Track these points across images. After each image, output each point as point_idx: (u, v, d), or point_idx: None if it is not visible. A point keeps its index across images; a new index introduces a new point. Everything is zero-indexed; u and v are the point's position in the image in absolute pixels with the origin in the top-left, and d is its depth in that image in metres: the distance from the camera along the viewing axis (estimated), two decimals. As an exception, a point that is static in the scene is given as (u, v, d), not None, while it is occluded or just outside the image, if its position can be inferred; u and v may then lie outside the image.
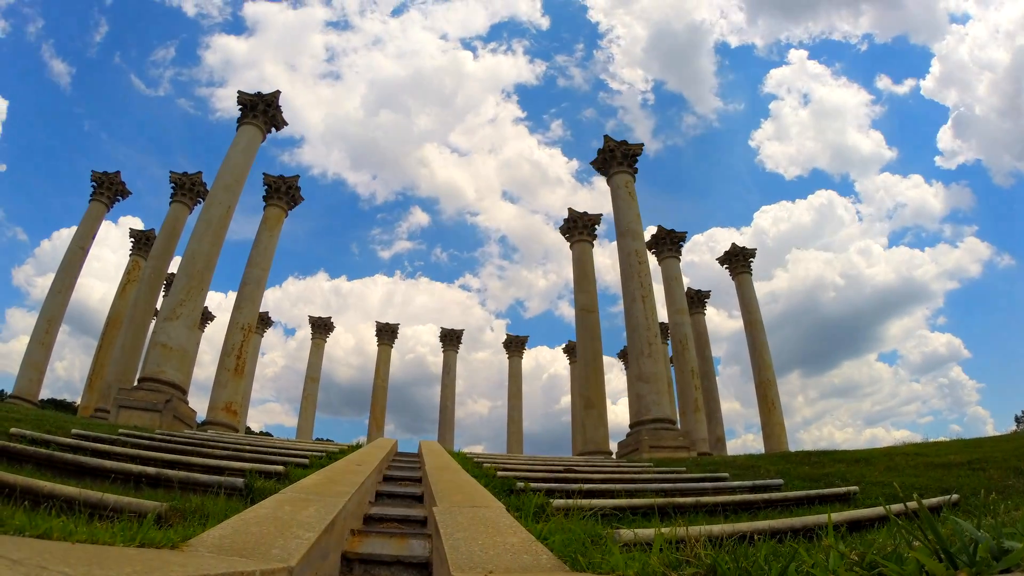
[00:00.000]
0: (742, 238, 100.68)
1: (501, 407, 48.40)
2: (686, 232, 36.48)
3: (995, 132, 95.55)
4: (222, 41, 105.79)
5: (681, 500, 7.60)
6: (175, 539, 3.60)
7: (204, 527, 4.16)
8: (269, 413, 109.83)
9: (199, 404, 26.92)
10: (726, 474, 12.47)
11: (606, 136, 30.40)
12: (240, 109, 28.31)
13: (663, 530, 3.80)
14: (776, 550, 3.01)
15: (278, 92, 28.50)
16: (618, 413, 46.07)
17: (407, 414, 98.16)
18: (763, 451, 29.92)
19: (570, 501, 6.62)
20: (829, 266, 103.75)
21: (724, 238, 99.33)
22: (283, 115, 29.18)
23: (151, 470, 8.11)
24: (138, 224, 47.45)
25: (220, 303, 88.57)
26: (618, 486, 9.41)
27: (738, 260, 38.59)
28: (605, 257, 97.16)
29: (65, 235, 33.09)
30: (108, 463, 8.42)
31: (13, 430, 10.78)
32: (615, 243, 28.84)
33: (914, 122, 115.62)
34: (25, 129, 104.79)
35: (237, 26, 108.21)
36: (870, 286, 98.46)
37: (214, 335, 46.31)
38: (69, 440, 10.72)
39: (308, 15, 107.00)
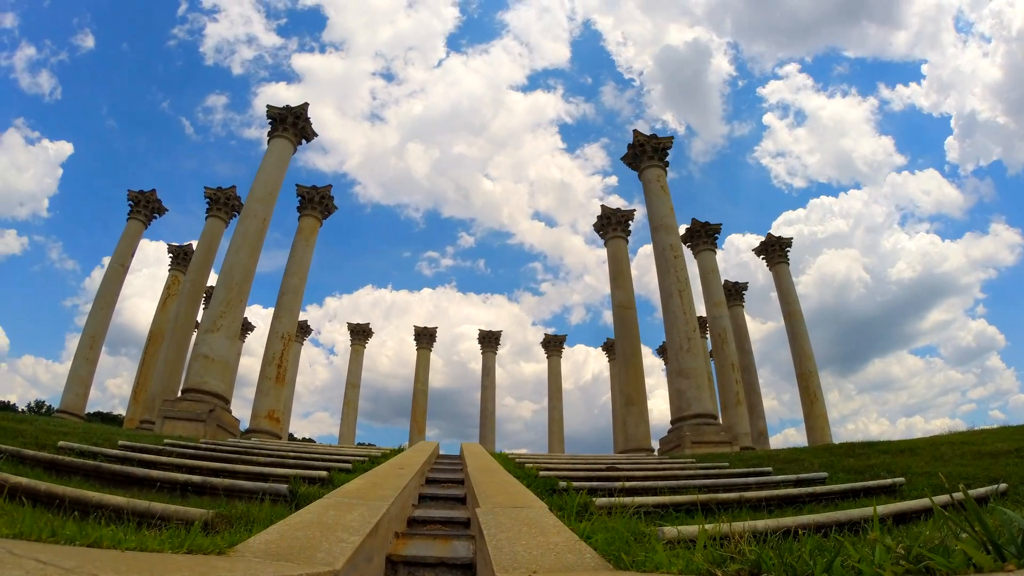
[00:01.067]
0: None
1: (545, 411, 48.25)
2: (720, 224, 35.94)
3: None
4: (271, 89, 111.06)
5: (724, 496, 7.53)
6: (222, 545, 3.67)
7: (250, 533, 4.21)
8: (318, 423, 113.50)
9: (242, 413, 27.37)
10: (769, 468, 12.31)
11: (635, 130, 30.16)
12: (270, 122, 28.71)
13: (707, 527, 3.78)
14: (821, 545, 2.98)
15: (306, 104, 28.82)
16: (659, 409, 45.86)
17: (452, 420, 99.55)
18: (806, 444, 29.49)
19: (613, 499, 6.60)
20: (856, 263, 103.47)
21: (743, 244, 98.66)
22: (312, 126, 29.51)
23: (197, 478, 8.21)
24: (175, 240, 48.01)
25: (259, 313, 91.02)
26: (661, 483, 9.34)
27: (774, 250, 37.98)
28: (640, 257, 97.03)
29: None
30: (154, 473, 8.54)
31: (61, 443, 11.04)
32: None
33: (919, 130, 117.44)
34: (83, 171, 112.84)
35: (288, 76, 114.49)
36: (898, 282, 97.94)
37: (255, 345, 47.18)
38: (116, 451, 10.94)
39: (355, 65, 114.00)
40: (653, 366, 52.79)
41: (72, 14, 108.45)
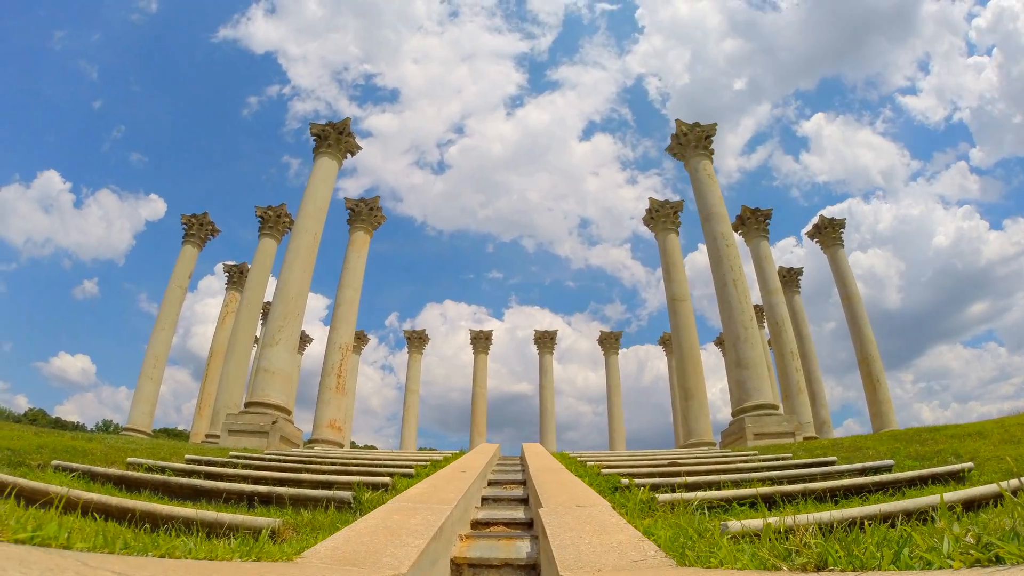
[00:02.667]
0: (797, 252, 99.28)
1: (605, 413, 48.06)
2: (771, 209, 35.07)
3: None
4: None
5: (788, 488, 7.41)
6: (289, 552, 3.76)
7: (316, 540, 4.29)
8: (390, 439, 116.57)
9: (304, 424, 27.94)
10: (833, 458, 12.03)
11: (677, 120, 29.70)
12: (314, 140, 29.09)
13: (771, 520, 3.75)
14: (887, 535, 2.93)
15: (348, 119, 29.12)
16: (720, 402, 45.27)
17: (515, 427, 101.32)
18: (870, 432, 28.71)
19: (675, 495, 6.57)
20: (894, 259, 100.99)
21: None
22: (355, 141, 29.84)
23: (262, 488, 8.36)
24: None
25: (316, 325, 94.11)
26: (723, 477, 9.25)
27: (828, 232, 36.83)
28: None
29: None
30: (221, 484, 8.74)
31: (130, 459, 11.40)
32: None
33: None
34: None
35: (361, 133, 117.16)
36: (945, 272, 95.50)
37: (314, 357, 48.09)
38: (183, 465, 11.24)
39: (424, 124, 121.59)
40: (710, 358, 52.08)
41: (157, 99, 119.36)
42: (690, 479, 8.86)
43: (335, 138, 28.74)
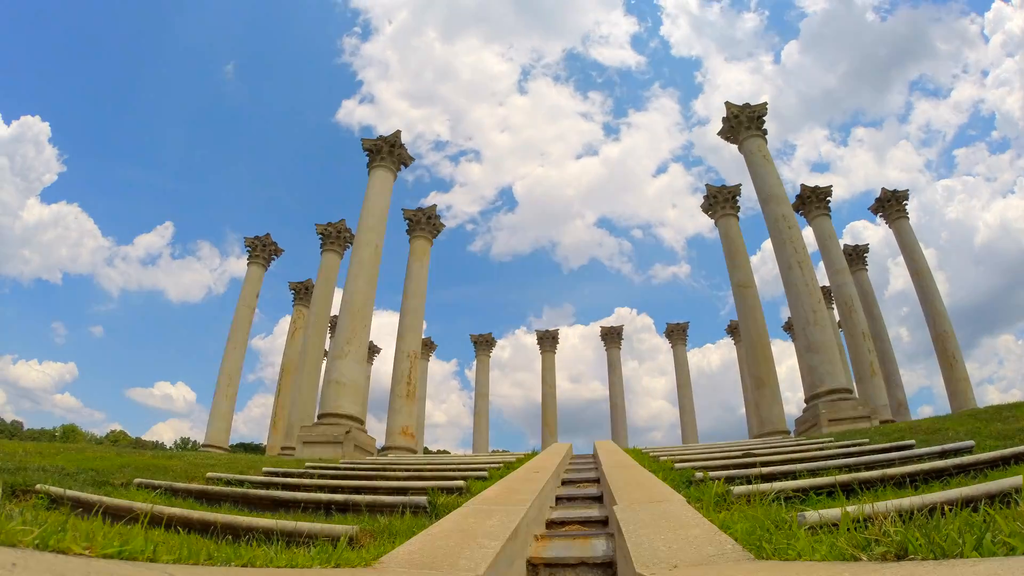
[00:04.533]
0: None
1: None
2: (831, 186, 34.00)
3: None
4: (437, 198, 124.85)
5: (866, 474, 7.22)
6: (368, 558, 3.87)
7: (393, 545, 4.37)
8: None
9: (376, 432, 28.53)
10: (911, 441, 11.64)
11: (727, 102, 29.37)
12: (367, 154, 29.52)
13: (849, 508, 3.70)
14: (969, 520, 2.87)
15: (399, 132, 29.50)
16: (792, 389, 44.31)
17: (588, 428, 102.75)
18: (948, 412, 27.59)
19: (750, 487, 6.49)
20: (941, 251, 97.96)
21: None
22: (407, 152, 30.11)
23: (339, 497, 8.47)
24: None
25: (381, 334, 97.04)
26: (799, 466, 9.08)
27: (891, 205, 35.57)
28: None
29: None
30: (299, 495, 8.90)
31: (209, 474, 11.76)
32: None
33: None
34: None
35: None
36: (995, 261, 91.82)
37: (383, 367, 48.95)
38: (260, 478, 11.51)
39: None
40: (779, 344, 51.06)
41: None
42: (765, 470, 8.72)
43: (387, 151, 29.14)
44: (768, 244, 27.95)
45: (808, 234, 31.63)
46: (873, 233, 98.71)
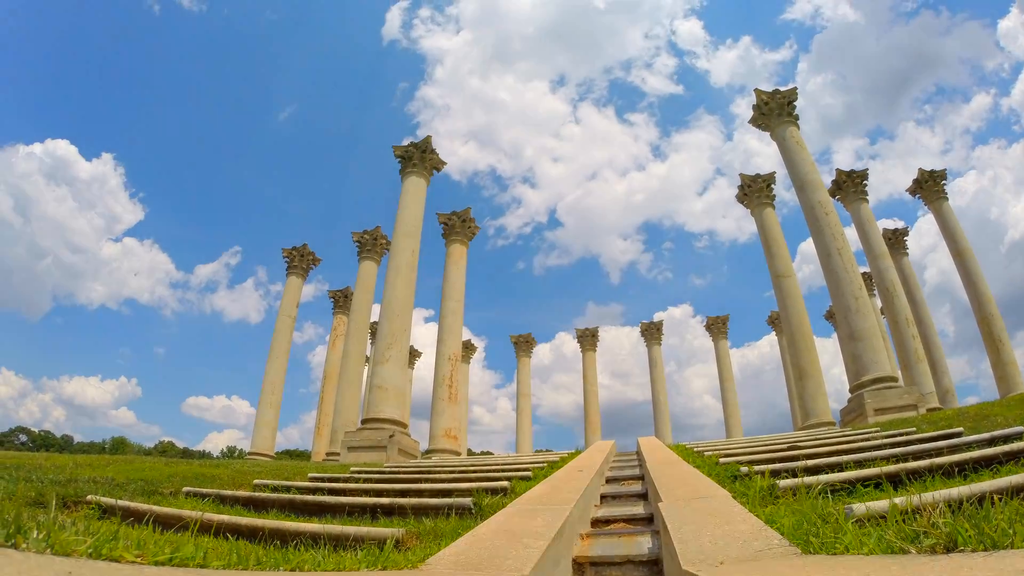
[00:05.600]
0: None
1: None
2: (867, 169, 33.27)
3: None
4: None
5: (913, 464, 7.08)
6: (414, 560, 3.91)
7: (439, 547, 4.38)
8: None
9: (420, 435, 28.83)
10: (959, 429, 11.35)
11: (756, 89, 29.00)
12: (399, 161, 29.77)
13: (897, 500, 3.68)
14: (1020, 510, 2.85)
15: (430, 137, 29.71)
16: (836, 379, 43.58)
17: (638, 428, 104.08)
18: (996, 398, 26.84)
19: (796, 480, 6.46)
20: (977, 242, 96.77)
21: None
22: (439, 156, 30.23)
23: (384, 500, 8.51)
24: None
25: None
26: (845, 457, 8.95)
27: (930, 186, 34.72)
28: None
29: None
30: (344, 499, 8.96)
31: (256, 481, 11.89)
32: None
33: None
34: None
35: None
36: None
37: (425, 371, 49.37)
38: (306, 483, 11.58)
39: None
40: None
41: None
42: (811, 462, 8.65)
43: (419, 157, 29.35)
44: (805, 246, 27.64)
45: (846, 220, 31.14)
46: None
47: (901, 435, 12.19)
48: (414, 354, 47.71)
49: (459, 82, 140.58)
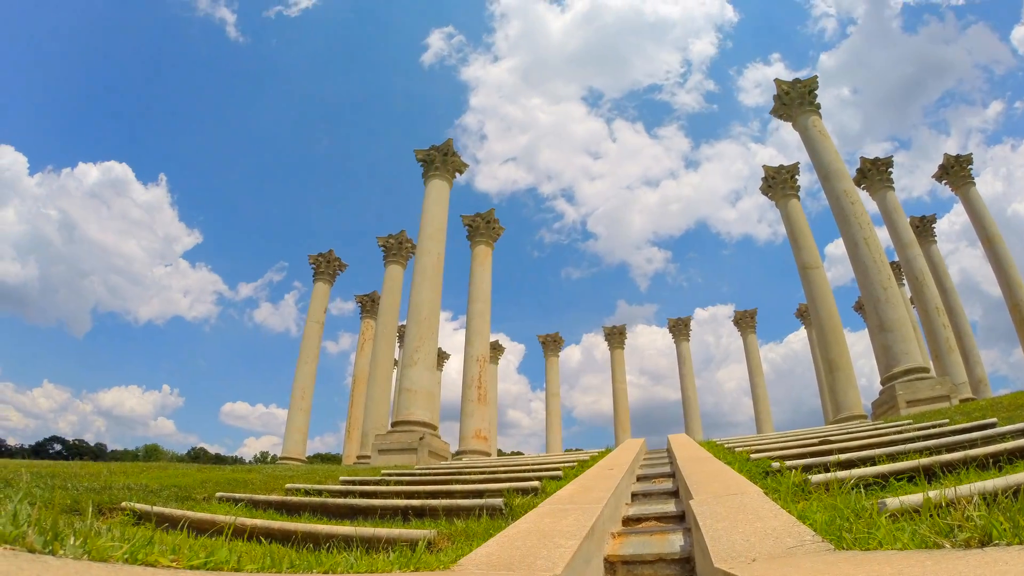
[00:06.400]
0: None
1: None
2: (892, 157, 32.75)
3: None
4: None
5: (947, 456, 6.98)
6: (446, 562, 3.92)
7: (471, 548, 4.40)
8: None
9: (450, 437, 29.03)
10: (994, 419, 11.14)
11: (776, 79, 28.78)
12: (421, 165, 29.92)
13: (930, 493, 3.65)
14: (1056, 501, 2.83)
15: (451, 139, 29.79)
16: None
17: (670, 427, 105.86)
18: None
19: (828, 475, 6.41)
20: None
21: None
22: (461, 159, 30.32)
23: (416, 502, 8.58)
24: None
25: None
26: (877, 451, 8.87)
27: (956, 171, 34.11)
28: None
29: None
30: (376, 502, 9.07)
31: (288, 485, 12.04)
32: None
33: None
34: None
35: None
36: None
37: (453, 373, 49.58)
38: (338, 487, 11.73)
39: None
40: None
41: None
42: (843, 456, 8.57)
43: (441, 160, 29.46)
44: (832, 248, 27.35)
45: (872, 209, 30.71)
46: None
47: (934, 427, 12.04)
48: (442, 356, 47.93)
49: (496, 107, 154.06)
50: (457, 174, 30.43)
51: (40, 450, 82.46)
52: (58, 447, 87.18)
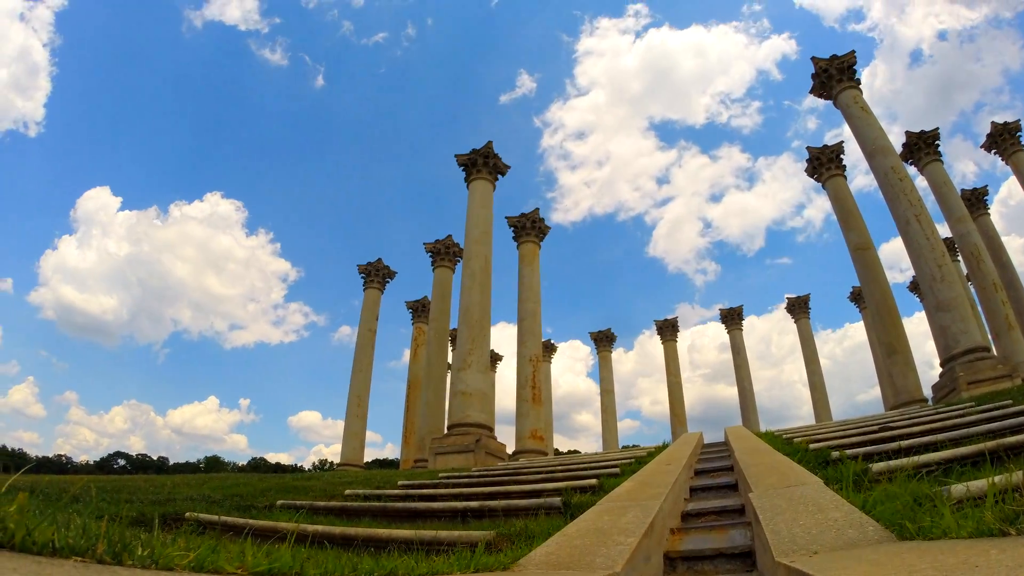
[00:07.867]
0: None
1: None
2: (937, 128, 31.31)
3: None
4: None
5: (1012, 439, 6.77)
6: (506, 561, 4.00)
7: (530, 547, 4.45)
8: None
9: (506, 437, 29.17)
10: (1059, 399, 10.87)
11: (813, 58, 28.09)
12: (463, 169, 30.13)
13: (995, 479, 3.58)
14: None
15: (491, 142, 29.90)
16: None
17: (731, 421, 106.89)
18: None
19: (890, 463, 6.34)
20: None
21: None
22: (502, 161, 30.34)
23: (474, 504, 8.68)
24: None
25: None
26: (939, 436, 8.68)
27: (1006, 139, 32.68)
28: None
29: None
30: (435, 504, 9.19)
31: (347, 491, 12.25)
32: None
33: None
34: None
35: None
36: None
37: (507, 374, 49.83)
38: (397, 491, 11.85)
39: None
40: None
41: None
42: (904, 443, 8.42)
43: (482, 162, 29.64)
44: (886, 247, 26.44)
45: (920, 185, 29.74)
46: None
47: (997, 409, 11.69)
48: (495, 358, 48.09)
49: (579, 141, 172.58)
50: (499, 175, 30.49)
51: (104, 465, 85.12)
52: (122, 462, 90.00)
